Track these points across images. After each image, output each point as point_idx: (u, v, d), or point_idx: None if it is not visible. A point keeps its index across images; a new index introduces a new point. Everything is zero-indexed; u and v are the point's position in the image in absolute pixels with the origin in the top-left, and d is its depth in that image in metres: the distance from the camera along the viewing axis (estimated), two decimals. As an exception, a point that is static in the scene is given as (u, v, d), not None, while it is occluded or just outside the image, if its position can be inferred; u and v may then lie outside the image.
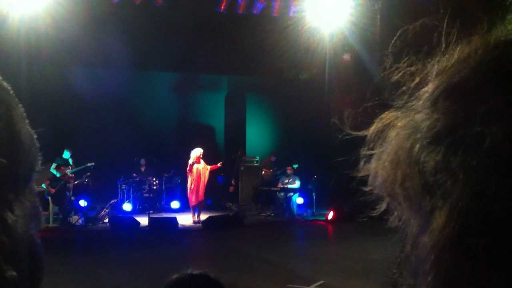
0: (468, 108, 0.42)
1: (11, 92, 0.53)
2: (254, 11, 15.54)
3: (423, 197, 0.44)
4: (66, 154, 14.97)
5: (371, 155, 0.52)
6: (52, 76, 14.82)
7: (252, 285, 7.68)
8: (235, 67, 17.12)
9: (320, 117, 16.31)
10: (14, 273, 0.47)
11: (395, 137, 0.49)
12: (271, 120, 20.84)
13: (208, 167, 14.41)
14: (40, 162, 0.56)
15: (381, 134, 0.51)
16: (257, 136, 20.37)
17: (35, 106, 15.18)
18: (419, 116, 0.47)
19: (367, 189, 0.53)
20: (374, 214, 0.55)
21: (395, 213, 0.51)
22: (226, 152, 19.93)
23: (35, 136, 0.55)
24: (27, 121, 0.55)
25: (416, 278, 0.46)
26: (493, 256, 0.39)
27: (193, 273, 1.67)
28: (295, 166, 16.48)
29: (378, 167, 0.50)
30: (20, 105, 0.54)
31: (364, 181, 0.53)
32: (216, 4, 15.07)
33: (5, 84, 0.52)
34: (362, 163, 0.54)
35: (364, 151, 0.53)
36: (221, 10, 15.30)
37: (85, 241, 12.21)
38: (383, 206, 0.53)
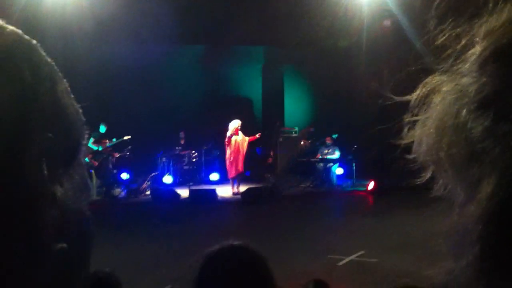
0: None
1: (55, 67, 0.53)
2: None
3: (470, 164, 0.43)
4: (102, 129, 15.23)
5: (415, 122, 0.51)
6: (87, 52, 15.02)
7: (290, 257, 7.70)
8: (270, 38, 16.89)
9: (359, 86, 15.97)
10: (65, 245, 0.49)
11: (441, 102, 0.47)
12: (309, 90, 20.61)
13: (247, 138, 14.44)
14: (86, 136, 0.57)
15: (426, 99, 0.50)
16: (295, 107, 20.23)
17: (71, 83, 15.49)
18: (466, 80, 0.45)
19: (411, 156, 0.52)
20: (418, 182, 0.54)
21: (440, 181, 0.49)
22: (264, 123, 19.89)
23: (80, 111, 0.56)
24: (72, 95, 0.54)
25: (463, 248, 0.44)
26: None
27: (234, 244, 1.68)
28: (335, 136, 16.29)
29: (423, 133, 0.49)
30: (65, 80, 0.55)
31: (407, 149, 0.53)
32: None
33: (49, 59, 0.52)
34: (406, 130, 0.53)
35: (407, 118, 0.52)
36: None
37: (127, 213, 12.51)
38: (427, 175, 0.51)
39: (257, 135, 14.70)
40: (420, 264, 5.66)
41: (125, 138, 15.28)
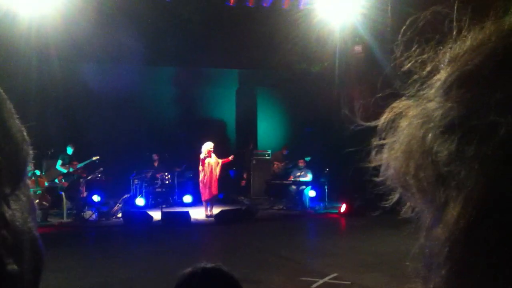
0: (482, 97, 0.41)
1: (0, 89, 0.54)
2: (264, 4, 15.48)
3: (437, 188, 0.43)
4: (69, 150, 14.99)
5: (382, 145, 0.51)
6: (62, 73, 14.88)
7: (265, 279, 7.69)
8: (245, 62, 17.08)
9: (331, 110, 16.23)
10: (15, 267, 0.48)
11: (407, 127, 0.48)
12: (283, 113, 20.81)
13: (220, 160, 14.43)
14: (31, 156, 0.56)
15: (393, 124, 0.50)
16: (268, 129, 20.37)
17: (44, 103, 15.39)
18: (431, 105, 0.46)
19: (379, 180, 0.52)
20: (386, 205, 0.54)
21: (408, 204, 0.50)
22: (238, 146, 19.96)
23: (24, 131, 0.55)
24: (16, 116, 0.54)
25: (430, 271, 0.44)
26: (508, 248, 0.37)
27: (206, 266, 1.66)
28: (307, 159, 16.45)
29: (390, 157, 0.49)
30: (8, 101, 0.54)
31: (376, 172, 0.52)
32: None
33: None
34: (373, 153, 0.53)
35: (375, 141, 0.52)
36: (231, 4, 15.27)
37: (98, 236, 12.30)
38: (395, 197, 0.52)
39: (230, 158, 14.72)
40: (393, 285, 5.75)
41: (94, 158, 15.07)
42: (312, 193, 15.85)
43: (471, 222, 0.39)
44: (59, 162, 14.54)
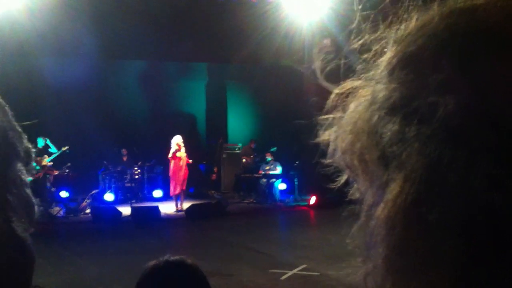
0: (423, 77, 0.41)
1: None
2: (233, -3, 15.41)
3: (380, 169, 0.43)
4: (40, 143, 14.67)
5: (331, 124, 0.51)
6: (24, 67, 14.53)
7: (235, 272, 7.72)
8: (214, 55, 17.01)
9: (300, 103, 16.31)
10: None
11: (355, 108, 0.48)
12: (252, 107, 20.82)
13: (184, 157, 14.30)
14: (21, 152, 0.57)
15: (343, 103, 0.50)
16: (238, 123, 20.35)
17: (3, 98, 14.93)
18: (378, 86, 0.46)
19: (327, 161, 0.52)
20: (333, 187, 0.55)
21: (355, 185, 0.50)
22: (208, 140, 19.90)
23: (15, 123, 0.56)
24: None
25: (369, 250, 0.45)
26: (445, 226, 0.38)
27: (170, 259, 1.65)
28: (273, 149, 16.50)
29: (337, 139, 0.49)
30: None
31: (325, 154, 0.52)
32: (193, -10, 14.92)
33: None
34: (321, 131, 0.53)
35: (323, 118, 0.52)
36: (199, -4, 15.15)
37: (66, 233, 12.10)
38: (343, 179, 0.52)
39: (190, 161, 14.62)
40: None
41: (63, 149, 14.80)
42: (282, 186, 15.94)
43: (410, 201, 0.40)
44: None
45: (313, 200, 14.41)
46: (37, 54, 14.57)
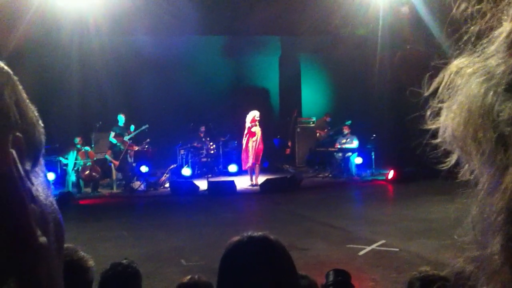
0: None
1: (11, 74, 0.55)
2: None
3: (497, 150, 0.40)
4: (121, 120, 15.31)
5: (438, 107, 0.49)
6: (107, 44, 15.09)
7: (311, 246, 7.66)
8: (287, 28, 16.75)
9: (375, 74, 15.80)
10: (45, 239, 0.50)
11: (465, 85, 0.44)
12: (327, 79, 20.45)
13: (259, 132, 14.32)
14: (44, 136, 0.58)
15: (450, 84, 0.47)
16: (312, 97, 20.11)
17: (90, 76, 15.74)
18: (492, 61, 0.42)
19: (436, 142, 0.50)
20: (443, 168, 0.51)
21: (466, 166, 0.47)
22: (281, 114, 19.83)
23: (36, 113, 0.58)
24: (30, 104, 0.58)
25: (485, 237, 0.42)
26: None
27: (253, 235, 1.67)
28: (348, 122, 16.12)
29: (447, 118, 0.46)
30: (19, 82, 0.56)
31: (431, 136, 0.50)
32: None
33: (5, 67, 0.54)
34: (428, 115, 0.50)
35: (432, 103, 0.50)
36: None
37: (147, 206, 12.60)
38: (452, 160, 0.49)
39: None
40: (442, 252, 5.60)
41: (143, 127, 15.40)
42: (358, 160, 15.63)
43: None
44: (112, 133, 14.90)
45: (391, 174, 14.02)
46: (122, 32, 15.12)
